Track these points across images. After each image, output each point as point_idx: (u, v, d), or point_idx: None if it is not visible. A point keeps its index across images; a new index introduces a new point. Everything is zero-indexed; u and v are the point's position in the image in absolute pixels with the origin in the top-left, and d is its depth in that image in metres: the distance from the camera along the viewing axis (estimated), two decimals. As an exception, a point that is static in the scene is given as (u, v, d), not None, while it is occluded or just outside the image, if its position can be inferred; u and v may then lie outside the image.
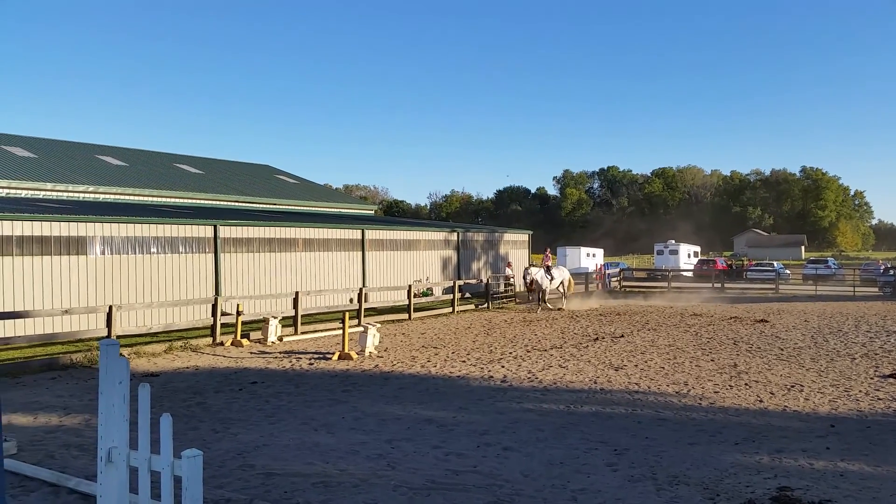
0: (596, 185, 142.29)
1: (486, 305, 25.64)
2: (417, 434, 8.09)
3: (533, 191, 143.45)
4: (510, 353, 14.58)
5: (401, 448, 7.51)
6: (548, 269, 24.93)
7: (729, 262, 53.59)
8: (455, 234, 31.09)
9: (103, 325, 14.29)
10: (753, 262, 54.87)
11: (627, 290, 36.28)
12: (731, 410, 9.41)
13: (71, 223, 16.96)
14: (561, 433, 8.18)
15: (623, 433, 8.18)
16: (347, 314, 14.39)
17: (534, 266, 24.88)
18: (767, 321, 20.53)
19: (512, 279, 29.14)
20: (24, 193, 25.50)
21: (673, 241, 59.11)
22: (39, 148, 32.11)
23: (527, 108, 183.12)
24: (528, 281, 23.72)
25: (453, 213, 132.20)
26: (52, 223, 16.59)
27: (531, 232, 38.59)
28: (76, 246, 17.00)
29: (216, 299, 16.05)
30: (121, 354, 4.62)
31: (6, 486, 5.41)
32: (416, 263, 28.37)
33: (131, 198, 28.87)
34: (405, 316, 21.46)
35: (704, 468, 6.86)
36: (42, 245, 16.35)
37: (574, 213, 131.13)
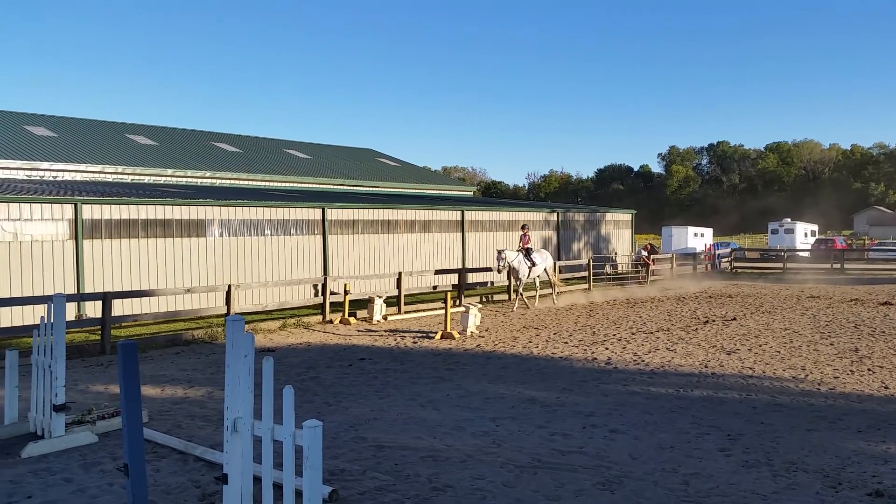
0: (704, 162, 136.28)
1: (587, 287, 25.26)
2: (521, 413, 8.13)
3: (636, 169, 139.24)
4: (614, 335, 14.33)
5: (505, 426, 7.57)
6: (527, 253, 20.08)
7: (849, 242, 50.20)
8: (555, 214, 30.73)
9: (222, 302, 15.16)
10: (876, 242, 51.10)
11: (738, 270, 34.71)
12: (853, 396, 8.88)
13: (191, 207, 18.03)
14: (670, 417, 7.99)
15: (736, 418, 7.89)
16: (449, 294, 14.57)
17: (508, 250, 19.59)
18: (892, 304, 19.13)
19: (644, 261, 28.37)
20: (147, 179, 27.31)
21: (788, 220, 55.88)
22: (160, 136, 34.21)
23: (629, 82, 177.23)
24: (500, 266, 18.83)
25: (552, 194, 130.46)
26: (174, 207, 17.69)
27: (635, 211, 37.55)
28: (196, 228, 18.07)
29: (325, 279, 16.66)
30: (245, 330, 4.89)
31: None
32: (516, 244, 28.26)
33: (245, 182, 30.30)
34: (505, 297, 21.49)
35: (824, 455, 6.53)
36: (165, 227, 17.48)
37: (680, 191, 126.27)
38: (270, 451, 4.60)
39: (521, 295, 19.71)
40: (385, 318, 16.69)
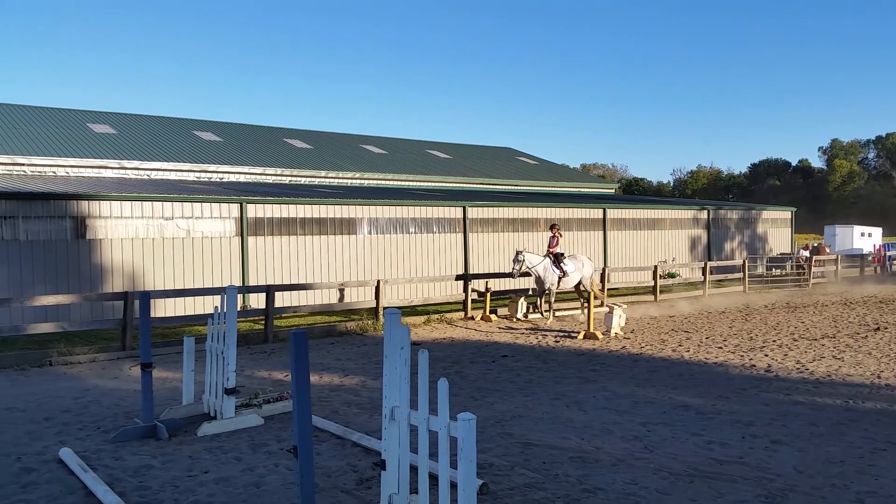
0: (871, 155, 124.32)
1: (741, 289, 23.85)
2: (674, 419, 7.82)
3: (794, 163, 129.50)
4: (773, 340, 13.43)
5: (657, 432, 7.32)
6: (556, 259, 16.43)
7: None
8: (705, 211, 29.28)
9: (371, 297, 15.82)
10: None
11: (915, 274, 31.36)
12: None
13: (343, 206, 18.95)
14: (839, 430, 7.36)
15: (920, 437, 7.14)
16: (592, 294, 14.30)
17: (529, 252, 16.37)
18: None
19: (804, 263, 26.50)
20: (303, 180, 29.00)
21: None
22: (314, 140, 36.22)
23: (784, 69, 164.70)
24: (516, 270, 15.81)
25: (699, 190, 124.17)
26: (328, 206, 18.67)
27: (794, 209, 34.97)
28: (348, 226, 18.97)
29: (467, 276, 16.90)
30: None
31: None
32: (661, 243, 27.26)
33: (391, 182, 31.39)
34: (650, 297, 20.78)
35: None
36: (320, 225, 18.50)
37: (843, 187, 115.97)
38: (426, 440, 4.72)
39: (551, 307, 16.42)
40: (526, 315, 16.66)
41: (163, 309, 15.13)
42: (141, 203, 16.18)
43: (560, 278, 16.28)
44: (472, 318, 16.62)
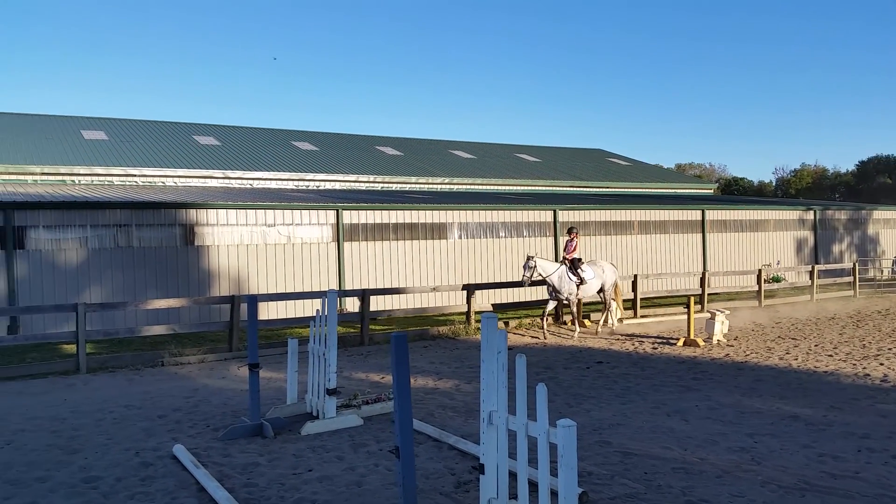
0: None
1: (851, 293, 22.46)
2: (782, 431, 7.46)
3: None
4: (889, 348, 12.57)
5: (764, 443, 7.00)
6: (573, 265, 14.91)
7: None
8: (811, 212, 27.77)
9: (463, 301, 15.91)
10: None
11: None
12: None
13: (434, 211, 19.18)
14: (972, 448, 6.81)
15: None
16: (693, 299, 13.84)
17: (541, 258, 14.80)
18: None
19: None
20: (394, 187, 29.55)
21: None
22: (404, 146, 36.85)
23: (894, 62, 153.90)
24: (526, 277, 14.42)
25: (804, 190, 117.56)
26: (419, 211, 18.95)
27: (910, 208, 32.64)
28: (438, 231, 19.19)
29: (559, 281, 16.71)
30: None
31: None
32: (764, 246, 26.06)
33: (479, 187, 31.52)
34: (754, 303, 19.88)
35: None
36: (412, 231, 18.79)
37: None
38: (525, 446, 4.70)
39: (577, 319, 15.14)
40: (621, 321, 16.31)
41: (265, 312, 15.78)
42: (245, 211, 16.95)
43: (578, 286, 14.80)
44: (564, 322, 16.42)
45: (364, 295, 14.19)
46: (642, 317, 17.28)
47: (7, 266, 14.64)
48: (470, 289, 15.69)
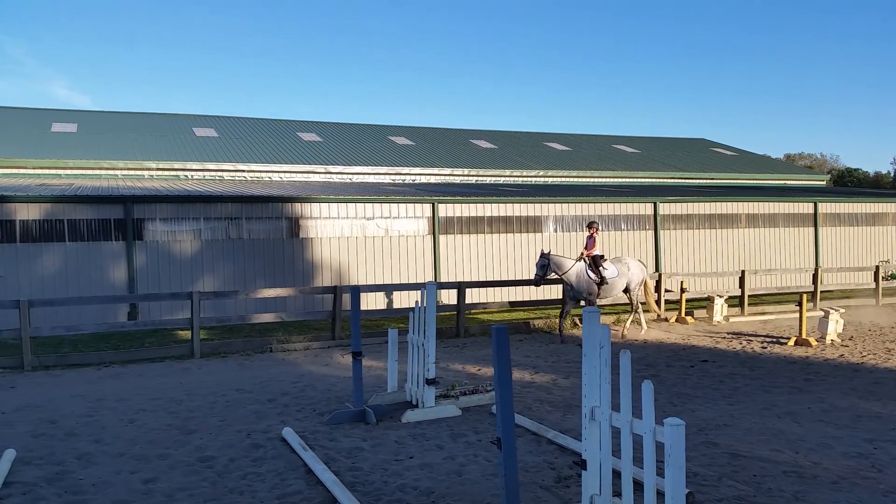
0: None
1: None
2: (907, 437, 6.98)
3: None
4: None
5: (886, 450, 6.58)
6: (594, 262, 13.62)
7: None
8: (938, 205, 25.68)
9: (558, 295, 15.73)
10: None
11: None
12: None
13: (528, 204, 19.07)
14: None
15: None
16: (805, 297, 13.13)
17: (557, 255, 13.73)
18: None
19: None
20: (488, 180, 29.58)
21: None
22: (498, 140, 36.79)
23: None
24: (539, 276, 13.28)
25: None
26: (514, 205, 18.89)
27: None
28: (533, 224, 19.08)
29: (659, 275, 16.29)
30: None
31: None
32: (882, 241, 24.35)
33: (575, 179, 31.05)
34: (871, 301, 18.65)
35: None
36: (506, 224, 18.78)
37: None
38: (630, 443, 4.63)
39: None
40: (726, 318, 15.70)
41: (364, 302, 16.21)
42: (346, 205, 17.46)
43: (599, 286, 13.52)
44: (666, 319, 15.96)
45: (460, 287, 14.31)
46: (749, 314, 16.56)
47: (127, 256, 15.71)
48: (566, 283, 15.48)
